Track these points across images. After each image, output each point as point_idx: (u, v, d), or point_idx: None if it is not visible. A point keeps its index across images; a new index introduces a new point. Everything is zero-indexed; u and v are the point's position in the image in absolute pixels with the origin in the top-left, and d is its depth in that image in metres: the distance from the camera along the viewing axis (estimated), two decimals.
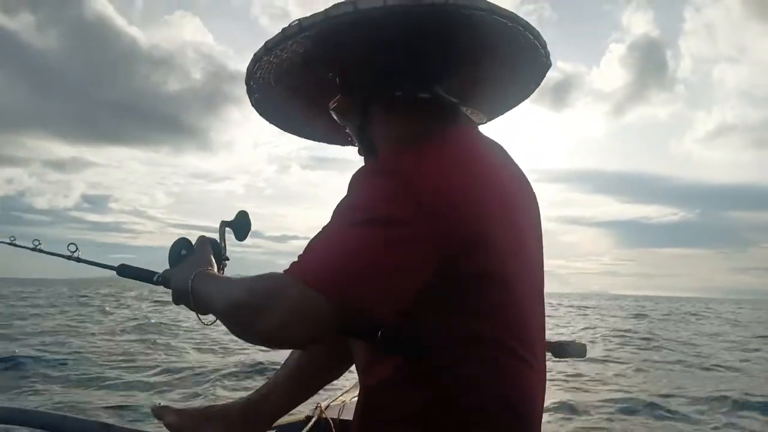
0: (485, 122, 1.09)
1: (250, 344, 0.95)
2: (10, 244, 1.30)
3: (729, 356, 11.63)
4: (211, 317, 0.93)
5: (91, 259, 1.22)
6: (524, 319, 0.86)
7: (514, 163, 0.96)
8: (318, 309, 0.73)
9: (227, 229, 1.11)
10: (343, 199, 0.81)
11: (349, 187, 0.81)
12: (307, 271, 0.75)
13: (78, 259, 1.22)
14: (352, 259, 0.74)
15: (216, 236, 1.08)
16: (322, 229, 0.79)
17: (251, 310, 0.78)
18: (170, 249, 1.04)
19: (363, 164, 0.95)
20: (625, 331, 16.78)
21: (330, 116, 1.02)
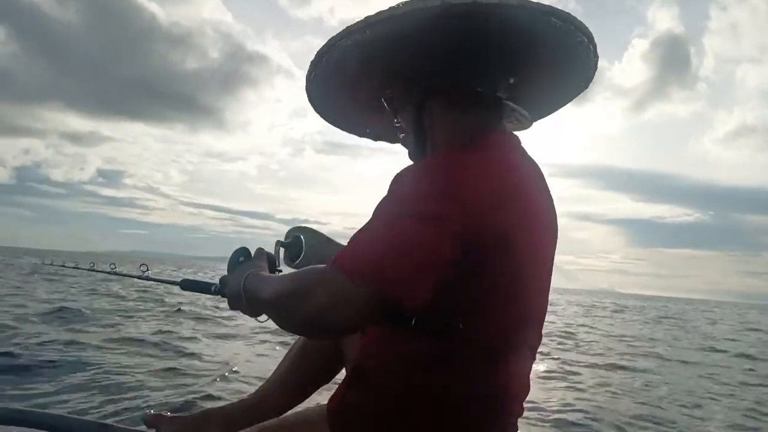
0: (530, 125, 1.09)
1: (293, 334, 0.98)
2: (90, 270, 1.47)
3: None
4: (264, 316, 0.96)
5: (158, 277, 1.41)
6: (524, 323, 0.93)
7: (543, 178, 1.00)
8: (357, 294, 0.76)
9: (281, 249, 1.20)
10: (386, 196, 0.85)
11: (392, 185, 0.85)
12: (347, 259, 0.79)
13: (147, 278, 1.38)
14: (390, 248, 0.78)
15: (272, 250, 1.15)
16: (366, 223, 0.84)
17: (294, 296, 0.82)
18: (230, 257, 1.07)
19: (408, 161, 1.02)
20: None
21: (380, 112, 1.06)
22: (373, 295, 0.77)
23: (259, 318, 0.98)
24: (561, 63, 0.99)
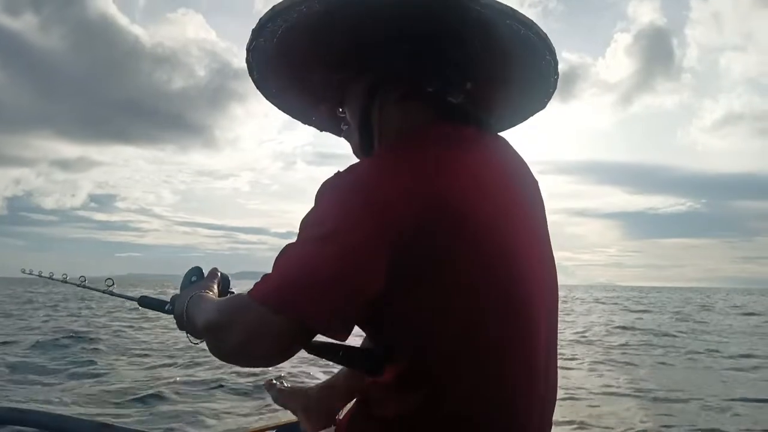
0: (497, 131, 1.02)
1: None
2: (80, 285, 1.50)
3: None
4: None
5: (120, 293, 1.42)
6: (499, 335, 0.80)
7: (520, 175, 0.92)
8: (273, 325, 0.74)
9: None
10: (306, 215, 0.78)
11: (315, 198, 0.78)
12: (261, 290, 0.76)
13: (111, 293, 1.40)
14: (304, 274, 0.73)
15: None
16: (285, 246, 0.79)
17: (217, 330, 0.84)
18: (183, 277, 1.08)
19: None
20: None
21: (328, 98, 0.99)
22: (288, 324, 0.74)
23: (196, 342, 0.97)
24: (520, 71, 0.93)
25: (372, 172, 0.77)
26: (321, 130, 1.12)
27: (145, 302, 1.25)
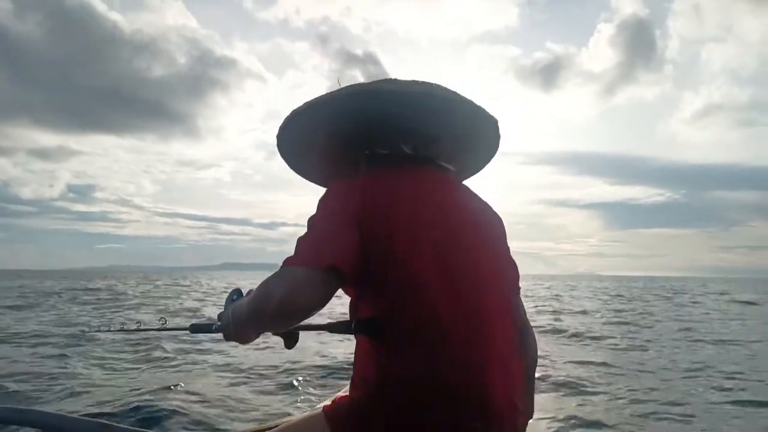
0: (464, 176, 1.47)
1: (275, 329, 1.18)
2: (160, 329, 1.57)
3: None
4: (254, 342, 1.13)
5: (172, 326, 1.56)
6: (437, 317, 1.04)
7: (469, 199, 1.24)
8: (311, 277, 0.98)
9: None
10: (314, 212, 1.11)
11: (318, 203, 1.12)
12: (292, 256, 1.02)
13: (165, 328, 1.54)
14: (318, 236, 1.05)
15: None
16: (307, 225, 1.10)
17: (264, 295, 1.00)
18: (226, 299, 1.20)
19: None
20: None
21: (333, 165, 1.37)
22: (322, 274, 0.98)
23: (245, 345, 1.13)
24: (462, 134, 1.30)
25: (346, 186, 1.14)
26: (323, 186, 1.43)
27: (196, 329, 1.36)
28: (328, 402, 1.23)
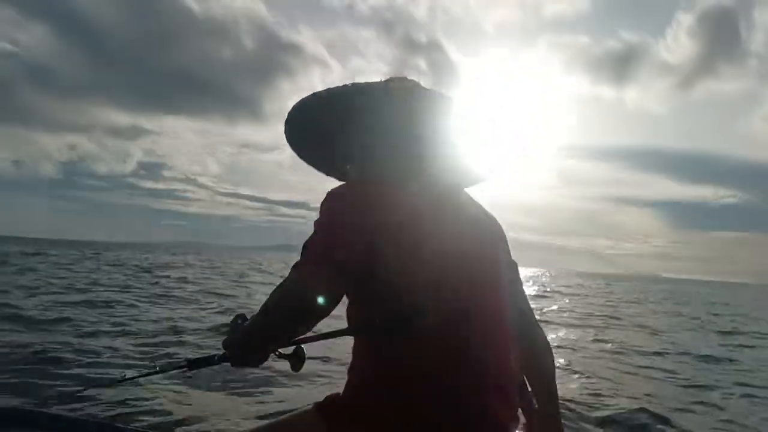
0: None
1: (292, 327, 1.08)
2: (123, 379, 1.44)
3: None
4: (268, 359, 1.11)
5: (165, 368, 1.34)
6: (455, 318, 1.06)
7: (468, 205, 1.25)
8: (317, 278, 1.00)
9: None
10: (318, 216, 1.12)
11: (321, 206, 1.11)
12: (302, 259, 1.04)
13: (157, 372, 1.34)
14: (325, 237, 1.05)
15: None
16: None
17: (277, 300, 1.02)
18: (229, 325, 1.16)
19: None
20: None
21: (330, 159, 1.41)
22: (326, 275, 1.00)
23: (257, 364, 1.10)
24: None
25: (349, 191, 1.14)
26: (327, 175, 1.49)
27: (196, 364, 1.25)
28: (322, 399, 1.23)
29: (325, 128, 1.31)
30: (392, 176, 1.17)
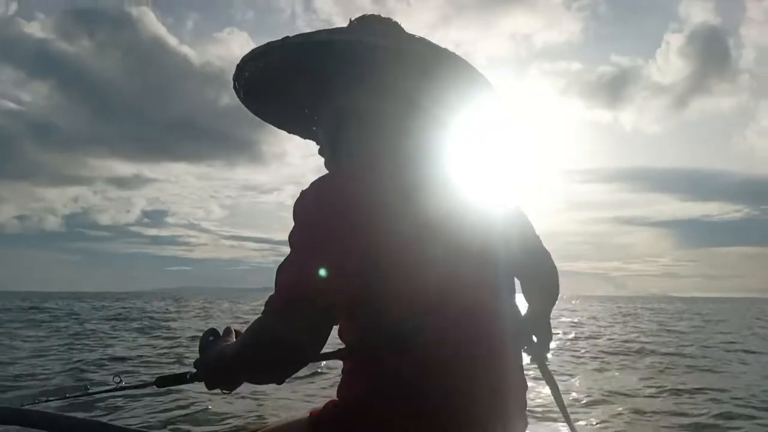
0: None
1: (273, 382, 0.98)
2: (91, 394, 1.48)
3: None
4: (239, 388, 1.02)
5: (133, 384, 1.41)
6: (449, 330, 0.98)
7: (452, 199, 1.08)
8: (296, 319, 0.85)
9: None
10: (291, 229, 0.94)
11: (294, 210, 0.95)
12: (277, 293, 0.88)
13: (122, 388, 1.40)
14: (307, 263, 0.88)
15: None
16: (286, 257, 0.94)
17: (250, 349, 0.91)
18: (200, 340, 1.09)
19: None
20: None
21: (304, 118, 1.26)
22: (307, 312, 0.85)
23: (227, 392, 1.02)
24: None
25: (325, 192, 0.95)
26: (304, 138, 1.34)
27: (165, 382, 1.22)
28: (315, 407, 1.17)
29: (298, 91, 1.19)
30: (386, 168, 1.02)
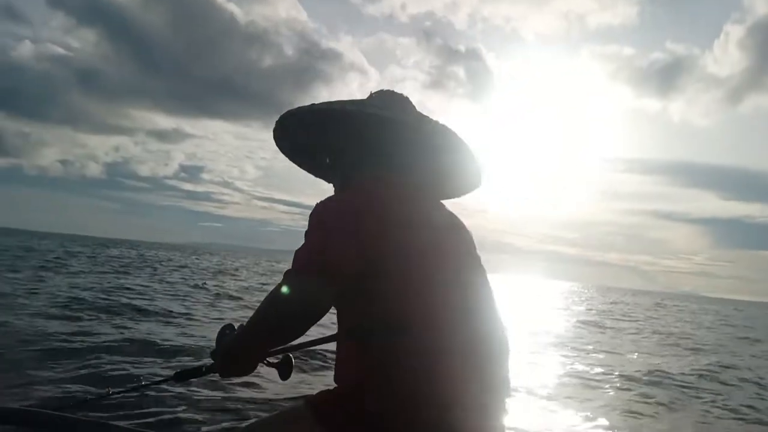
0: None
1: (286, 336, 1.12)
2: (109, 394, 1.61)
3: None
4: (255, 370, 1.17)
5: (153, 380, 1.58)
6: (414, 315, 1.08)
7: (448, 215, 1.30)
8: (308, 285, 1.03)
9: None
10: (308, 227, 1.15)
11: (309, 218, 1.14)
12: (293, 266, 1.06)
13: (143, 386, 1.60)
14: (319, 248, 1.07)
15: None
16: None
17: (268, 308, 1.06)
18: (217, 335, 1.19)
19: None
20: None
21: (318, 165, 1.48)
22: (316, 281, 1.03)
23: (245, 374, 1.15)
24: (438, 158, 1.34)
25: (339, 202, 1.20)
26: (316, 177, 1.56)
27: (183, 376, 1.28)
28: (312, 393, 1.24)
29: (313, 138, 1.36)
30: (378, 186, 1.22)
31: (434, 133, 1.29)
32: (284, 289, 1.03)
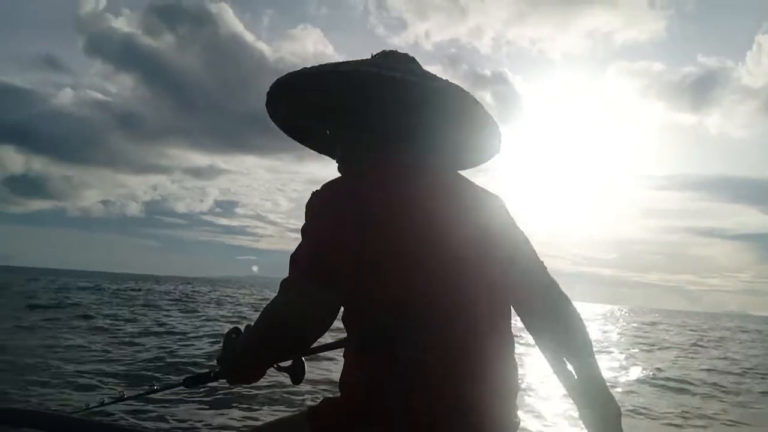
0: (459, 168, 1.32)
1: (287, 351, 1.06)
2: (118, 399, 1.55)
3: None
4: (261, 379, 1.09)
5: (162, 384, 1.54)
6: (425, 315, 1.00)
7: (461, 199, 1.15)
8: (309, 294, 0.94)
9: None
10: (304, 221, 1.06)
11: (306, 211, 1.05)
12: (291, 273, 0.98)
13: (153, 391, 1.49)
14: (318, 250, 0.98)
15: None
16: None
17: (268, 321, 0.98)
18: (223, 339, 1.14)
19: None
20: None
21: (322, 136, 1.35)
22: (318, 289, 0.94)
23: (254, 381, 1.09)
24: (454, 125, 1.21)
25: (337, 192, 1.07)
26: (319, 152, 1.45)
27: (192, 381, 1.25)
28: (314, 403, 1.17)
29: (311, 110, 1.28)
30: (380, 165, 1.15)
31: (444, 94, 1.15)
32: (281, 305, 0.97)
